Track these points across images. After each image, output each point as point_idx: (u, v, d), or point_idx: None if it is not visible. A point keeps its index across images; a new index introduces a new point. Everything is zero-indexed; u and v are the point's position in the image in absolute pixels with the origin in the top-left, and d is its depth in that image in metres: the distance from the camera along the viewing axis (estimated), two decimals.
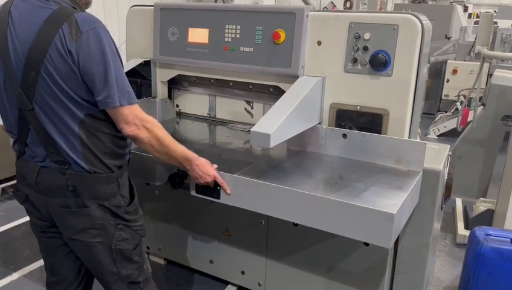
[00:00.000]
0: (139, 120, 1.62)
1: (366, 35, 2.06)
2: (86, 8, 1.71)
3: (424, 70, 2.09)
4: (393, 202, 1.74)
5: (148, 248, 3.03)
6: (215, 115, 2.84)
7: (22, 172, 1.73)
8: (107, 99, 1.55)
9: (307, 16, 2.17)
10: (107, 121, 1.64)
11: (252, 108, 2.69)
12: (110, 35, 1.58)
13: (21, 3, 1.58)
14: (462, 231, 3.52)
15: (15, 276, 2.99)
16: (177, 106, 2.95)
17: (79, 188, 1.64)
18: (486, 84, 4.96)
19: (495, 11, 7.58)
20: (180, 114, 2.96)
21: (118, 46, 1.62)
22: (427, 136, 6.41)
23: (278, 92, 2.36)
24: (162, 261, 3.09)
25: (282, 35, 2.21)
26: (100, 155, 1.65)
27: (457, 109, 6.25)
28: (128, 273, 1.81)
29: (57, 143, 1.60)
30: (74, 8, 1.59)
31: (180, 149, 1.79)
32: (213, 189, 1.96)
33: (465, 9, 10.73)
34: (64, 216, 1.69)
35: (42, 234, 1.85)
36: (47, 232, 1.84)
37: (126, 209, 1.75)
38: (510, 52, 5.99)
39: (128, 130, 1.61)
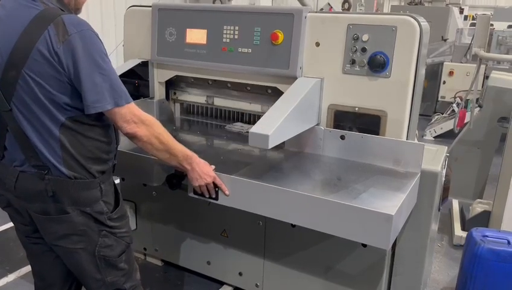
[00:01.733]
0: (137, 118, 1.61)
1: (365, 37, 2.06)
2: (76, 14, 1.66)
3: (422, 71, 2.09)
4: (392, 203, 1.74)
5: (145, 249, 3.02)
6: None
7: (1, 177, 1.68)
8: (96, 103, 1.51)
9: (305, 17, 2.17)
10: (90, 124, 1.61)
11: None
12: (98, 38, 1.55)
13: (8, 1, 1.55)
14: (458, 232, 3.52)
15: (11, 277, 2.97)
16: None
17: (59, 193, 1.59)
18: (482, 86, 4.99)
19: (491, 14, 7.61)
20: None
21: (115, 47, 1.61)
22: (424, 137, 6.43)
23: (276, 93, 2.35)
24: (159, 263, 3.08)
25: (281, 36, 2.20)
26: (81, 160, 1.60)
27: (453, 110, 6.26)
28: (113, 280, 1.77)
29: (36, 146, 1.56)
30: (62, 10, 1.55)
31: (179, 147, 1.78)
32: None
33: (461, 11, 10.81)
34: (44, 222, 1.66)
35: (27, 239, 1.82)
36: (31, 238, 1.80)
37: (109, 215, 1.70)
38: (506, 54, 6.01)
39: (127, 128, 1.60)
